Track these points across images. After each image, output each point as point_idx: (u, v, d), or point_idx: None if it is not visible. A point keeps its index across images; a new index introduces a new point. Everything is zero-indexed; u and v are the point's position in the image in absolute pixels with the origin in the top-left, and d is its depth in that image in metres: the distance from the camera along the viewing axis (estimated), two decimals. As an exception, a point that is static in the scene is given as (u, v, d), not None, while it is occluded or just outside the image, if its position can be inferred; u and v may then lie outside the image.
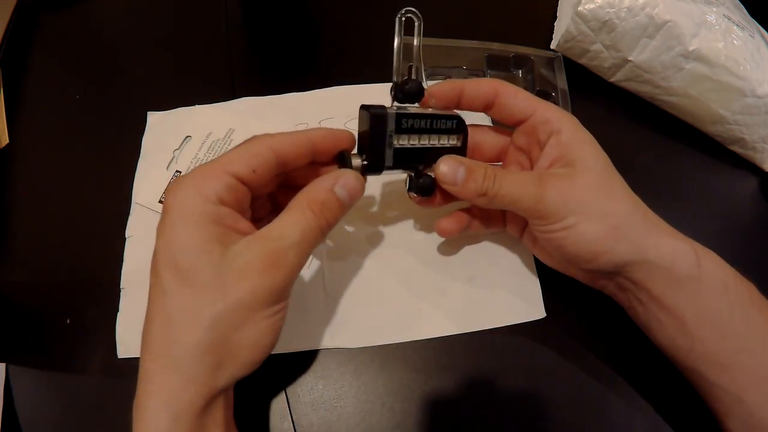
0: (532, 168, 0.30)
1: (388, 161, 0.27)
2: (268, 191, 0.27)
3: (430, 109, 0.29)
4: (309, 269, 0.33)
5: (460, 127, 0.29)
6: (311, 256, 0.33)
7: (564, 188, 0.27)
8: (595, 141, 0.29)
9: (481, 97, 0.29)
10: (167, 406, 0.21)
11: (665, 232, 0.27)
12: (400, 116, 0.27)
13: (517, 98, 0.29)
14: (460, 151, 0.30)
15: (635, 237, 0.27)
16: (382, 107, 0.27)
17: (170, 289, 0.22)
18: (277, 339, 0.24)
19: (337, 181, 0.25)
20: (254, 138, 0.25)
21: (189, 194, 0.22)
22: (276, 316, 0.23)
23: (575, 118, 0.29)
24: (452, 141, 0.29)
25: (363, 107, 0.27)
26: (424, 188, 0.29)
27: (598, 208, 0.27)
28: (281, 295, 0.23)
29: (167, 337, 0.22)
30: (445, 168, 0.28)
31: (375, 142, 0.27)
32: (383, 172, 0.28)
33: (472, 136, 0.31)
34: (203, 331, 0.21)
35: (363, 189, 0.26)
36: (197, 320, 0.22)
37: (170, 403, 0.21)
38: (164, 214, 0.23)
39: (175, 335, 0.22)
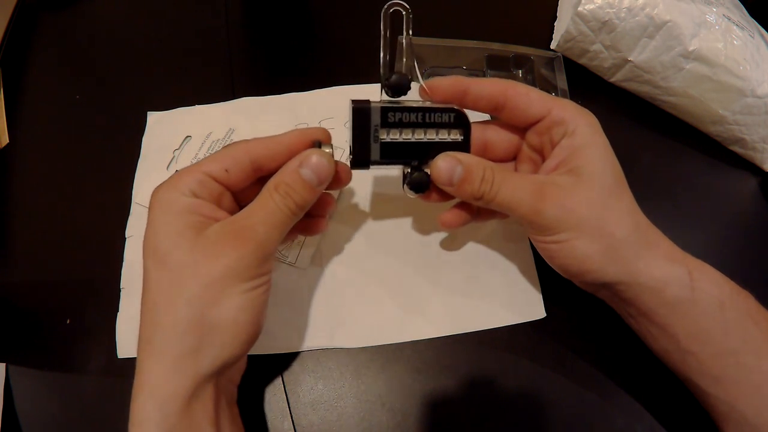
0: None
1: (375, 155, 0.27)
2: (247, 188, 0.27)
3: (427, 103, 0.28)
4: (309, 269, 0.33)
5: (459, 121, 0.28)
6: (311, 257, 0.33)
7: (563, 202, 0.26)
8: (609, 147, 0.27)
9: (487, 97, 0.28)
10: (153, 396, 0.22)
11: (661, 254, 0.26)
12: (385, 110, 0.26)
13: (529, 99, 0.27)
14: (463, 146, 0.28)
15: (627, 259, 0.26)
16: (367, 101, 0.27)
17: (151, 275, 0.23)
18: (258, 319, 0.24)
19: (302, 162, 0.25)
20: (233, 143, 0.26)
21: (166, 191, 0.24)
22: (253, 292, 0.23)
23: (593, 117, 0.27)
24: (453, 135, 0.28)
25: (351, 101, 0.27)
26: (418, 184, 0.28)
27: (594, 226, 0.26)
28: (255, 270, 0.23)
29: (151, 323, 0.23)
30: (442, 166, 0.27)
31: (359, 136, 0.26)
32: (372, 167, 0.27)
33: (484, 133, 0.30)
34: (180, 310, 0.22)
35: (330, 167, 0.26)
36: (174, 300, 0.22)
37: (156, 392, 0.22)
38: (149, 212, 0.24)
39: (156, 318, 0.22)
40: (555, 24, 0.45)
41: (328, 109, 0.39)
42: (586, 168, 0.26)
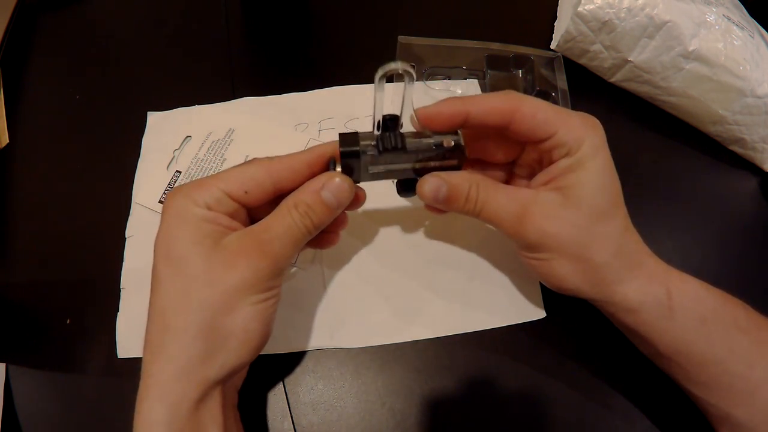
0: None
1: (365, 179, 0.27)
2: (266, 205, 0.27)
3: (424, 140, 0.26)
4: (309, 269, 0.33)
5: (456, 154, 0.26)
6: (311, 257, 0.33)
7: (543, 226, 0.25)
8: (610, 166, 0.26)
9: (490, 121, 0.26)
10: (162, 399, 0.22)
11: (641, 275, 0.26)
12: (377, 155, 0.25)
13: (535, 121, 0.25)
14: (455, 169, 0.27)
15: (605, 283, 0.26)
16: (356, 142, 0.25)
17: (164, 279, 0.23)
18: (267, 329, 0.25)
19: (324, 185, 0.25)
20: (255, 160, 0.26)
21: (182, 200, 0.24)
22: (264, 303, 0.24)
23: (599, 133, 0.26)
24: (447, 163, 0.27)
25: (340, 136, 0.25)
26: (411, 188, 0.28)
27: (573, 251, 0.26)
28: (268, 283, 0.24)
29: (161, 326, 0.23)
30: (427, 187, 0.26)
31: (349, 171, 0.26)
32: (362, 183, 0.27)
33: (484, 142, 0.29)
34: (192, 315, 0.22)
35: (351, 192, 0.26)
36: (187, 305, 0.22)
37: (165, 395, 0.22)
38: (162, 217, 0.24)
39: (167, 322, 0.23)
40: (555, 24, 0.45)
41: (328, 109, 0.39)
42: (576, 189, 0.25)
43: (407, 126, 0.26)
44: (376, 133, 0.26)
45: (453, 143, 0.26)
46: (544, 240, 0.26)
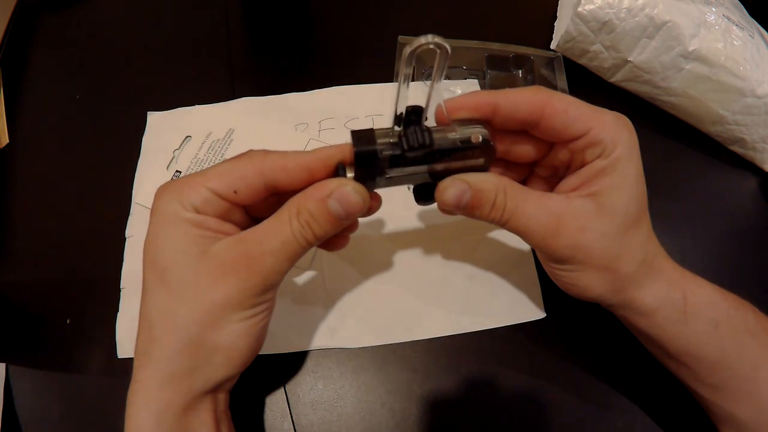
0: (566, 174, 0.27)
1: (380, 185, 0.24)
2: (265, 202, 0.25)
3: (448, 134, 0.23)
4: (309, 269, 0.33)
5: (484, 151, 0.24)
6: (311, 257, 0.33)
7: (578, 241, 0.24)
8: (641, 169, 0.25)
9: (520, 115, 0.24)
10: (148, 405, 0.22)
11: (660, 279, 0.26)
12: (395, 158, 0.22)
13: (567, 117, 0.24)
14: (481, 170, 0.25)
15: (626, 290, 0.26)
16: (372, 140, 0.22)
17: (150, 289, 0.23)
18: (256, 343, 0.24)
19: (332, 193, 0.22)
20: (247, 155, 0.23)
21: (170, 201, 0.22)
22: (252, 319, 0.23)
23: (632, 134, 0.25)
24: (473, 162, 0.24)
25: (353, 133, 0.22)
26: (431, 194, 0.25)
27: (603, 264, 0.25)
28: (257, 299, 0.23)
29: (148, 336, 0.22)
30: (448, 195, 0.24)
31: (363, 175, 0.23)
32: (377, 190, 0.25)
33: (511, 140, 0.27)
34: (176, 331, 0.22)
35: (364, 204, 0.23)
36: (171, 320, 0.22)
37: (151, 401, 0.22)
38: (150, 217, 0.23)
39: (153, 334, 0.22)
40: (555, 24, 0.45)
41: (328, 109, 0.39)
42: (611, 195, 0.24)
43: (430, 120, 0.23)
44: (398, 128, 0.22)
45: (481, 138, 0.23)
46: (575, 253, 0.24)
